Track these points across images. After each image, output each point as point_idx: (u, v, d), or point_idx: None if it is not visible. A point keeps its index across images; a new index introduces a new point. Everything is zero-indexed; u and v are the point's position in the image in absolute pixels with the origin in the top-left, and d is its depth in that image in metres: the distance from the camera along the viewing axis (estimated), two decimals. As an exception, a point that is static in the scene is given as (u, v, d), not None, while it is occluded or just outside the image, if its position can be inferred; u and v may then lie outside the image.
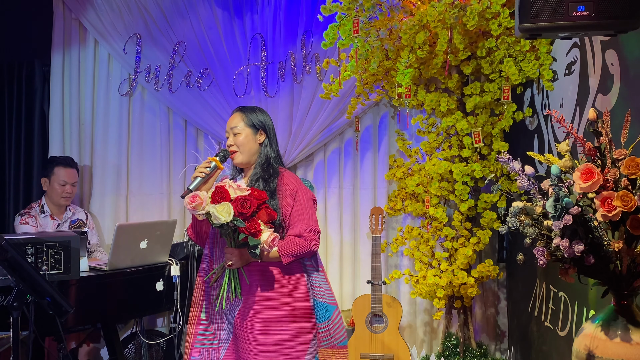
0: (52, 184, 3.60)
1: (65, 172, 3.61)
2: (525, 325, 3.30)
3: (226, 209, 2.12)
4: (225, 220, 2.12)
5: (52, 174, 3.60)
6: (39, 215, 3.60)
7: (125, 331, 3.78)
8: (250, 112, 2.47)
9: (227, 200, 2.14)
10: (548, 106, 3.00)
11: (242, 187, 2.23)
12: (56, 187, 3.59)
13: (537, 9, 1.83)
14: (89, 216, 3.83)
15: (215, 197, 2.15)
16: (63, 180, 3.59)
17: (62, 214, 3.67)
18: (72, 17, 4.06)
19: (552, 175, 1.69)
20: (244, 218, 2.14)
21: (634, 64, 2.06)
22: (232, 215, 2.12)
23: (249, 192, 2.19)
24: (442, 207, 3.53)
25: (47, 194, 3.65)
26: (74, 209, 3.76)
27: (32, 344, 2.29)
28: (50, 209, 3.63)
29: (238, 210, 2.13)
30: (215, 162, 2.35)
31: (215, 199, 2.15)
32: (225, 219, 2.11)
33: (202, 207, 2.14)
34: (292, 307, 2.35)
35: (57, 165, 3.62)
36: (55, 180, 3.59)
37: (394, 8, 3.30)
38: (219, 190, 2.16)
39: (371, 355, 3.52)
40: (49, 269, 2.59)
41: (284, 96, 3.89)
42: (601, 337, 1.67)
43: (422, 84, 3.60)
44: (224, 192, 2.16)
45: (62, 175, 3.59)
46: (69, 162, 3.67)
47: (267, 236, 2.18)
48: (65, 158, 3.71)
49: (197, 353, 2.38)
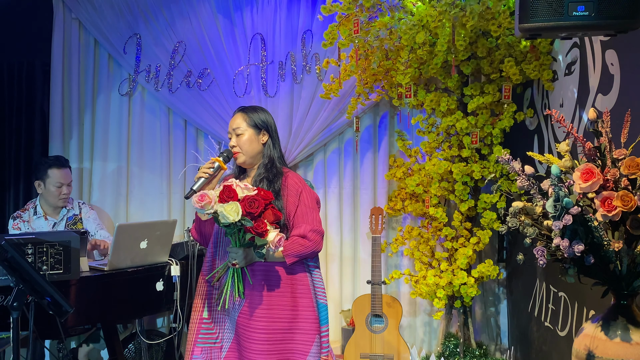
0: (48, 187, 3.45)
1: (60, 173, 3.46)
2: (525, 325, 3.30)
3: (234, 209, 2.11)
4: (233, 220, 2.11)
5: (46, 176, 3.44)
6: (32, 217, 3.48)
7: (125, 331, 3.78)
8: (253, 112, 2.46)
9: (235, 200, 2.14)
10: (548, 106, 3.00)
11: (249, 187, 2.23)
12: (52, 190, 3.45)
13: (537, 9, 1.83)
14: (82, 207, 3.67)
15: (223, 196, 2.14)
16: (59, 182, 3.45)
17: (57, 213, 3.55)
18: (72, 17, 4.06)
19: (552, 175, 1.69)
20: (251, 218, 2.14)
21: (634, 64, 2.06)
22: (240, 214, 2.11)
23: (256, 192, 2.19)
24: (442, 207, 3.53)
25: (41, 197, 3.52)
26: (68, 205, 3.66)
27: (32, 344, 2.29)
28: (45, 210, 3.52)
29: (246, 209, 2.12)
30: (219, 163, 2.35)
31: (223, 198, 2.14)
32: (233, 218, 2.10)
33: (211, 206, 2.13)
34: (295, 307, 2.35)
35: (50, 167, 3.45)
36: (51, 183, 3.44)
37: (394, 8, 3.30)
38: (227, 190, 2.15)
39: (371, 355, 3.52)
40: (49, 269, 2.59)
41: (284, 96, 3.89)
42: (601, 337, 1.67)
43: (422, 84, 3.60)
44: (231, 191, 2.15)
45: (58, 177, 3.45)
46: (62, 162, 3.51)
47: (274, 236, 2.18)
48: (57, 158, 3.54)
49: (199, 352, 2.38)
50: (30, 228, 3.46)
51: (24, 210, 3.52)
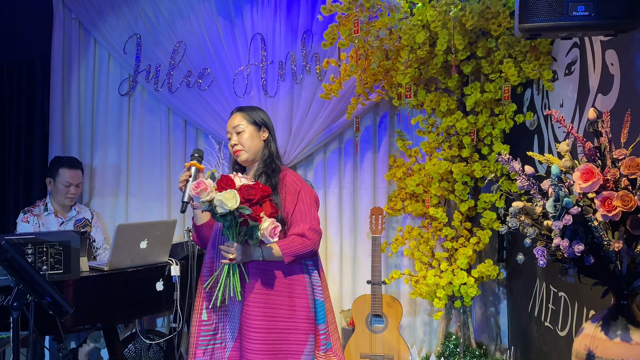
0: (57, 185, 3.59)
1: (70, 174, 3.60)
2: (525, 325, 3.30)
3: (232, 195, 2.11)
4: (232, 207, 2.10)
5: (56, 174, 3.59)
6: (43, 213, 3.60)
7: (125, 331, 3.78)
8: (251, 111, 2.49)
9: (232, 188, 2.14)
10: (548, 106, 3.00)
11: (247, 178, 2.25)
12: (60, 188, 3.58)
13: (537, 9, 1.83)
14: (94, 215, 3.82)
15: (222, 184, 2.15)
16: (67, 182, 3.58)
17: (66, 212, 3.67)
18: (72, 17, 4.05)
19: (552, 175, 1.69)
20: (250, 205, 2.14)
21: (634, 64, 2.06)
22: (238, 201, 2.11)
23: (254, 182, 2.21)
24: (442, 207, 3.53)
25: (51, 194, 3.66)
26: (80, 208, 3.75)
27: (32, 344, 2.28)
28: (55, 208, 3.63)
29: (244, 196, 2.12)
30: (195, 166, 2.36)
31: (222, 187, 2.15)
32: (232, 205, 2.10)
33: (207, 192, 2.13)
34: (292, 307, 2.36)
35: (62, 166, 3.60)
36: (60, 182, 3.58)
37: (394, 8, 3.30)
38: (225, 179, 2.16)
39: (371, 355, 3.52)
40: (49, 269, 2.59)
41: (284, 96, 3.89)
42: (601, 337, 1.67)
43: (422, 84, 3.60)
44: (229, 180, 2.16)
45: (67, 177, 3.58)
46: (73, 163, 3.65)
47: (268, 224, 2.18)
48: (71, 159, 3.69)
49: (202, 354, 2.37)
50: (40, 223, 3.56)
51: (35, 206, 3.63)
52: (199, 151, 2.43)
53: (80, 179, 3.67)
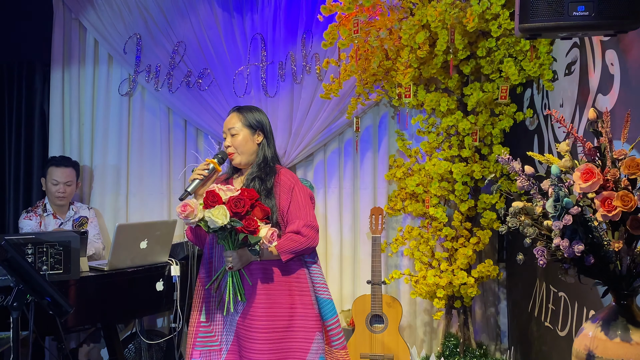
0: (47, 184, 3.62)
1: (57, 172, 3.59)
2: (525, 325, 3.30)
3: (222, 212, 2.12)
4: (222, 223, 2.11)
5: (47, 173, 3.61)
6: (43, 214, 3.61)
7: (125, 331, 3.78)
8: (247, 112, 2.47)
9: (220, 203, 2.14)
10: (548, 106, 3.00)
11: (231, 189, 2.24)
12: (50, 187, 3.60)
13: (537, 9, 1.83)
14: (93, 211, 3.82)
15: (208, 202, 2.15)
16: (55, 180, 3.58)
17: (64, 213, 3.67)
18: (72, 17, 4.06)
19: (552, 175, 1.68)
20: (239, 218, 2.15)
21: (634, 64, 2.06)
22: (228, 217, 2.12)
23: (239, 192, 2.20)
24: (442, 207, 3.53)
25: (46, 194, 3.67)
26: (77, 207, 3.74)
27: (32, 344, 2.29)
28: (52, 208, 3.64)
29: (232, 210, 2.13)
30: (214, 165, 2.35)
31: (208, 204, 2.15)
32: (222, 221, 2.11)
33: (194, 214, 2.14)
34: (294, 305, 2.36)
35: (51, 165, 3.62)
36: (49, 180, 3.60)
37: (394, 8, 3.30)
38: (211, 195, 2.16)
39: (371, 356, 3.52)
40: (49, 269, 2.59)
41: (284, 96, 3.88)
42: (601, 337, 1.67)
43: (422, 84, 3.60)
44: (215, 195, 2.16)
45: (54, 175, 3.59)
46: (62, 161, 3.65)
47: (266, 232, 2.19)
48: (61, 158, 3.70)
49: (198, 355, 2.37)
50: (42, 222, 3.58)
51: (36, 207, 3.65)
52: (224, 154, 2.43)
53: (70, 178, 3.64)
